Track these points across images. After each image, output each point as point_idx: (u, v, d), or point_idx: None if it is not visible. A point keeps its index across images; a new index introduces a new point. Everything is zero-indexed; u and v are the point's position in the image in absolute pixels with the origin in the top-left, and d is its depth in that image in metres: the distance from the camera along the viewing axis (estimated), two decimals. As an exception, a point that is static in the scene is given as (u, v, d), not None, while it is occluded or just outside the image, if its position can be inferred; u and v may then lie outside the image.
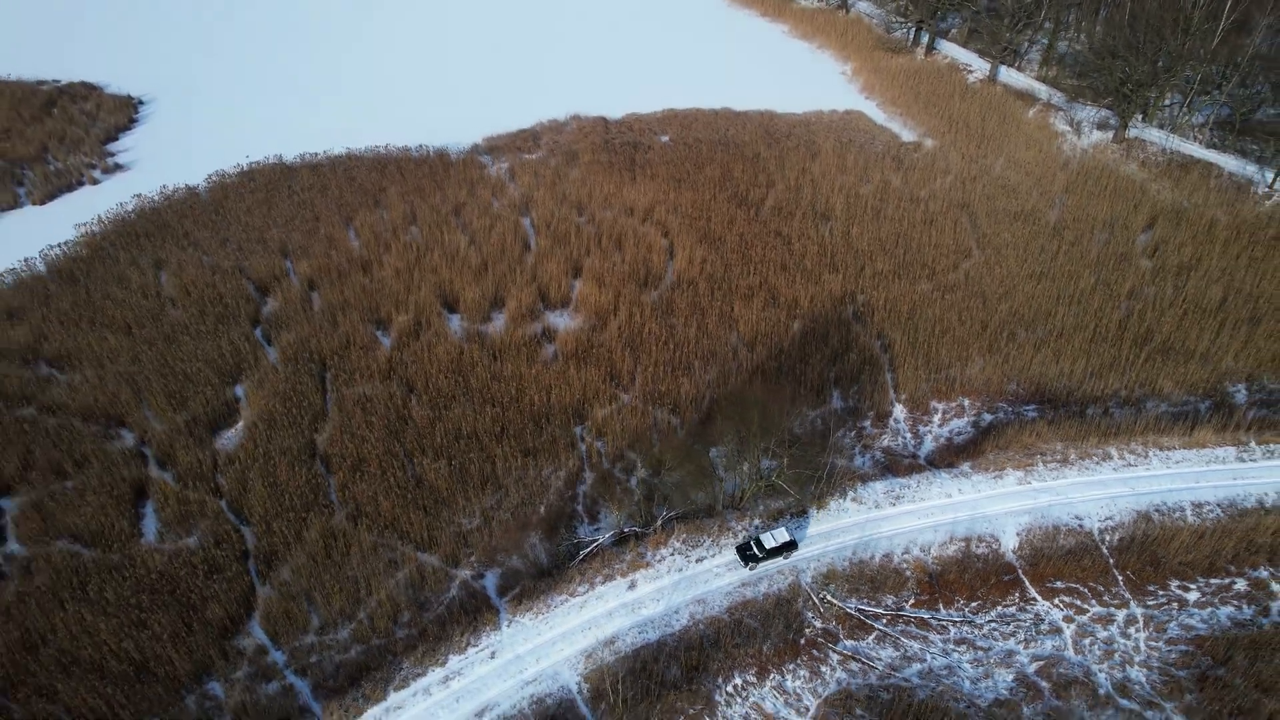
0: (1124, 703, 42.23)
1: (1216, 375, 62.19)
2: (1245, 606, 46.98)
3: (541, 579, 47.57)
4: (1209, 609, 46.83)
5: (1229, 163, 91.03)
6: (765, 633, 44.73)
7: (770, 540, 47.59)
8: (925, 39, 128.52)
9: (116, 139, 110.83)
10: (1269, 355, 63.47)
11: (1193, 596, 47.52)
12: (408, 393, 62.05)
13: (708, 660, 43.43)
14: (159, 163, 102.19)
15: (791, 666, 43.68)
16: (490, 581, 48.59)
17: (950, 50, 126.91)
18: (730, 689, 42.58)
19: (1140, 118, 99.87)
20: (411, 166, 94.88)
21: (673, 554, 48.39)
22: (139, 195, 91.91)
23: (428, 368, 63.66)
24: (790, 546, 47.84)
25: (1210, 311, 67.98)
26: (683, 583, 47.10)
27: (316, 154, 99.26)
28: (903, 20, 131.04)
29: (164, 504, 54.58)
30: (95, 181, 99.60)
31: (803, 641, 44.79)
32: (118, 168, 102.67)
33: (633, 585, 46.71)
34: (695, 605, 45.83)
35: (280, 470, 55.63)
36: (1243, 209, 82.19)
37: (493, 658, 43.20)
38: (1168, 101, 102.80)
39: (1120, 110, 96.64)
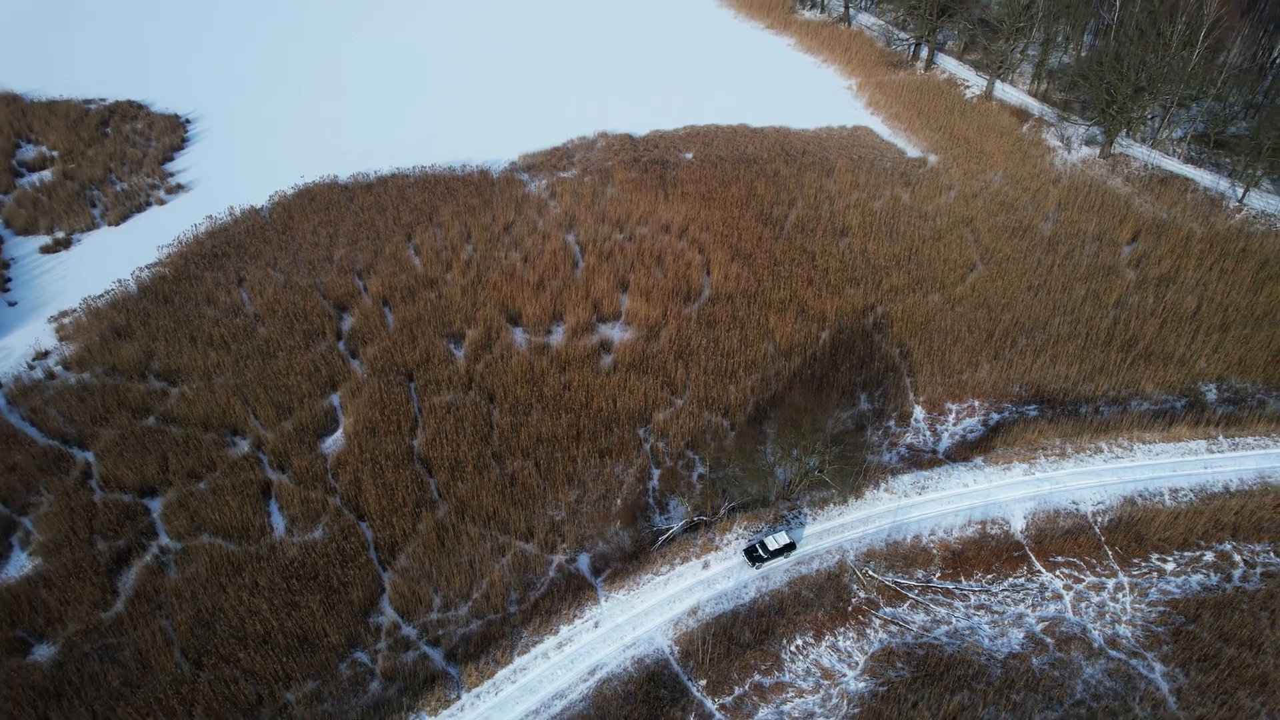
0: (1113, 653, 51.81)
1: (1191, 376, 71.80)
2: (1212, 574, 56.65)
3: (629, 561, 56.68)
4: (1183, 577, 56.49)
5: (1204, 177, 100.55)
6: (819, 602, 54.06)
7: (773, 543, 55.92)
8: (925, 53, 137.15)
9: (172, 159, 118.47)
10: (1236, 358, 73.10)
11: (1169, 567, 57.16)
12: (489, 401, 70.77)
13: (774, 625, 52.74)
14: (217, 183, 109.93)
15: (842, 630, 53.02)
16: (584, 564, 57.64)
17: (948, 64, 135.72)
18: (793, 648, 51.92)
19: (1125, 132, 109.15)
20: (458, 185, 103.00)
21: (737, 538, 57.61)
22: (210, 216, 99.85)
23: (504, 378, 72.33)
24: (790, 548, 56.26)
25: (1186, 319, 77.55)
26: (746, 563, 56.31)
27: (368, 174, 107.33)
28: (904, 37, 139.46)
29: (288, 503, 63.16)
30: (162, 202, 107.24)
31: (850, 609, 54.13)
32: (179, 188, 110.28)
33: (706, 565, 55.92)
34: (761, 581, 55.10)
35: (387, 472, 64.33)
36: (1216, 222, 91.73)
37: (596, 627, 52.30)
38: (1149, 115, 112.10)
39: (1106, 126, 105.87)
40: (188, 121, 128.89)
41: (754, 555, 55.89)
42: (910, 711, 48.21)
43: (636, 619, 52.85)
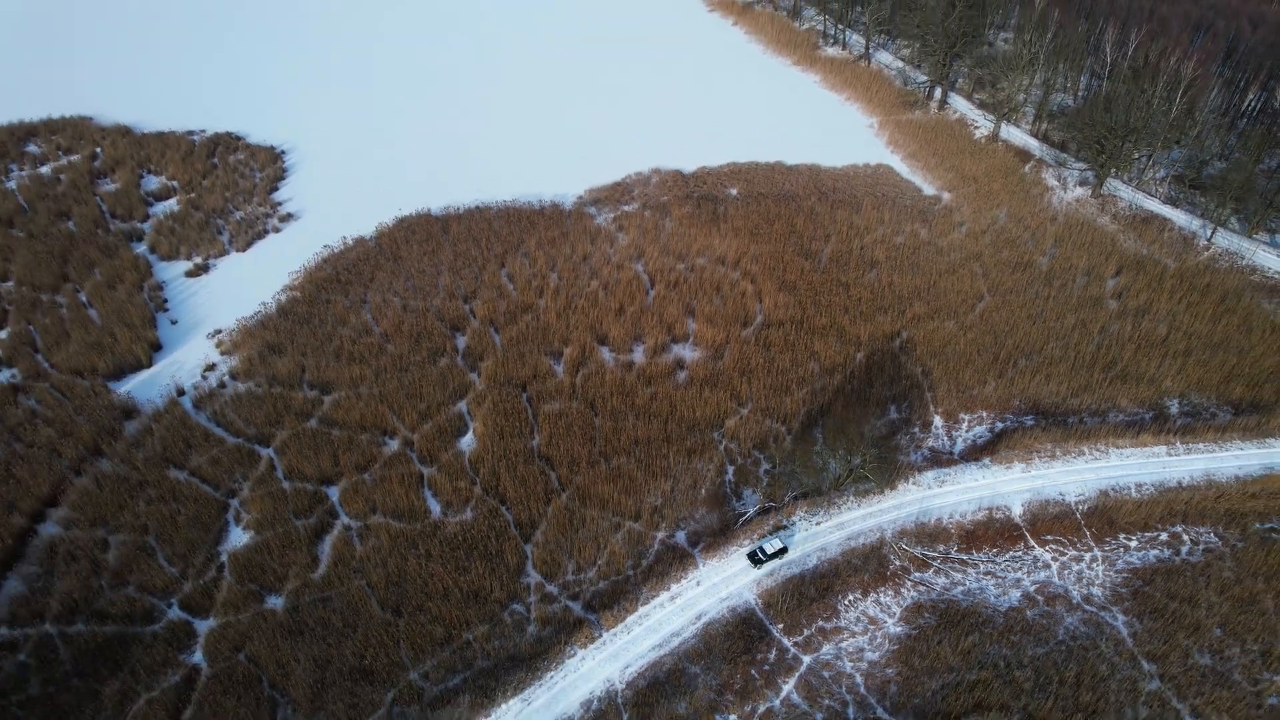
0: (1088, 608, 68.75)
1: (1158, 393, 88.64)
2: (1165, 550, 73.55)
3: (717, 536, 73.70)
4: (1143, 551, 73.42)
5: (1180, 217, 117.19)
6: (865, 568, 71.09)
7: (770, 548, 70.36)
8: (938, 93, 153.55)
9: (277, 189, 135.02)
10: (1195, 379, 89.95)
11: (1133, 544, 74.10)
12: (590, 409, 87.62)
13: (832, 585, 69.80)
14: (321, 213, 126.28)
15: (883, 589, 70.07)
16: (681, 538, 74.66)
17: (959, 104, 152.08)
18: (846, 601, 68.98)
19: (1113, 173, 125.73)
20: (537, 218, 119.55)
21: (800, 520, 74.62)
22: (327, 246, 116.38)
23: (600, 390, 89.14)
24: (783, 551, 70.52)
25: (1156, 344, 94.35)
26: (809, 538, 73.39)
27: (456, 207, 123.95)
28: (919, 79, 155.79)
29: (440, 490, 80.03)
30: (278, 230, 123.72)
31: (888, 573, 71.16)
32: (290, 216, 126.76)
33: (779, 539, 72.95)
34: (820, 551, 72.17)
35: (518, 466, 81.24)
36: (1187, 259, 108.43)
37: (698, 585, 69.36)
38: (1136, 156, 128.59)
39: (1097, 171, 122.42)
40: (283, 153, 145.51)
41: (755, 558, 70.30)
42: (936, 648, 65.27)
43: (728, 579, 69.94)
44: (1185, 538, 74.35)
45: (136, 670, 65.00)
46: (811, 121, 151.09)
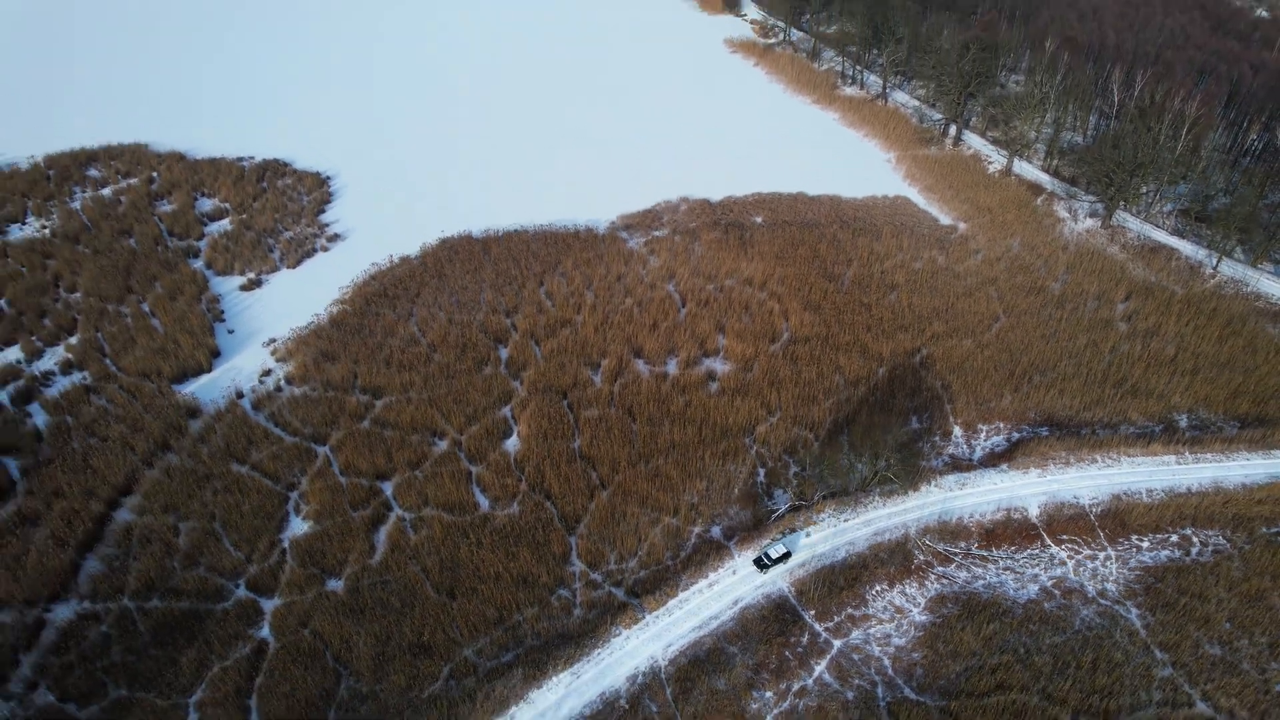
0: (1102, 601, 72.82)
1: (1167, 408, 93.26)
2: (1176, 550, 77.66)
3: (751, 530, 78.30)
4: (1154, 551, 77.54)
5: (1186, 247, 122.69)
6: (891, 561, 75.47)
7: (774, 553, 74.02)
8: (953, 130, 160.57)
9: (324, 211, 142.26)
10: (1203, 395, 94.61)
11: (1145, 544, 78.26)
12: (629, 415, 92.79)
13: (860, 576, 74.16)
14: (366, 234, 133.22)
15: (908, 581, 74.35)
16: (717, 532, 79.29)
17: (974, 141, 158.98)
18: (874, 592, 73.27)
19: (1122, 206, 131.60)
20: (572, 241, 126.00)
21: (829, 516, 79.25)
22: (374, 264, 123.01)
23: (638, 397, 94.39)
24: (787, 556, 74.20)
25: (1165, 363, 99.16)
26: (837, 533, 77.94)
27: (496, 230, 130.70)
28: (935, 117, 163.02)
29: (488, 486, 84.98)
30: (325, 249, 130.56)
31: (913, 567, 75.48)
32: (337, 237, 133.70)
33: (809, 533, 77.52)
34: (848, 545, 76.64)
35: (561, 465, 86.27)
36: (1194, 286, 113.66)
37: (734, 574, 73.86)
38: (1144, 190, 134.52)
39: (1106, 203, 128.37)
40: (328, 178, 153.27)
41: (761, 563, 74.08)
42: (959, 634, 69.39)
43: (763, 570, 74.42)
44: (1195, 540, 78.46)
45: (211, 641, 69.68)
46: (832, 156, 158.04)
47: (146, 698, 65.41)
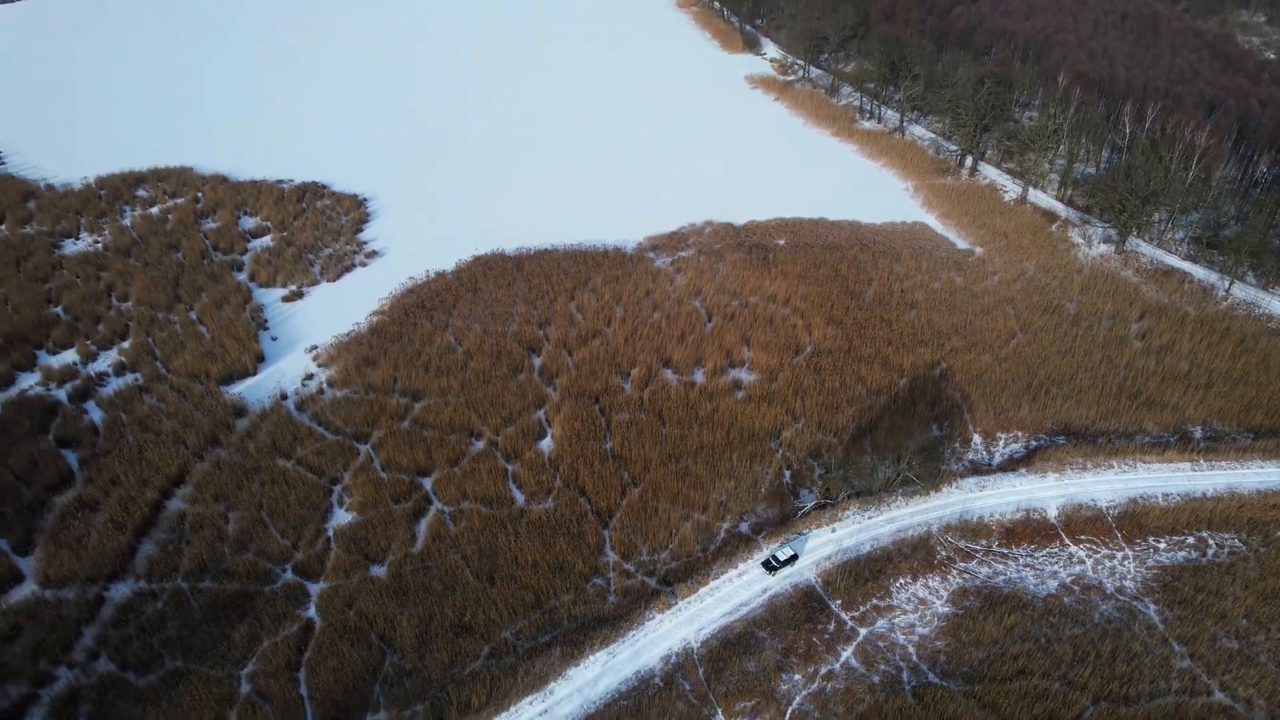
0: (1120, 597, 75.02)
1: (1182, 419, 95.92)
2: (1192, 552, 79.86)
3: (778, 526, 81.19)
4: (1171, 552, 79.78)
5: (1199, 272, 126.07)
6: (914, 556, 78.08)
7: (782, 555, 76.38)
8: (969, 162, 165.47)
9: (361, 230, 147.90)
10: (1217, 408, 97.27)
11: (1162, 545, 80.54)
12: (659, 419, 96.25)
13: (884, 569, 76.80)
14: (403, 251, 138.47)
15: (930, 575, 76.88)
16: (745, 527, 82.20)
17: (989, 172, 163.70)
18: (898, 584, 75.83)
19: (1135, 233, 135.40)
20: (601, 259, 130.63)
21: (853, 514, 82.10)
22: (411, 278, 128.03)
23: (667, 403, 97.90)
24: (794, 559, 76.52)
25: (1179, 378, 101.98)
26: (862, 529, 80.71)
27: (528, 248, 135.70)
28: (951, 148, 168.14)
29: (524, 482, 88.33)
30: (364, 264, 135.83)
31: (935, 562, 78.04)
32: (375, 254, 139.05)
33: (834, 529, 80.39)
34: (872, 540, 79.38)
35: (594, 463, 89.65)
36: (1207, 307, 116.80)
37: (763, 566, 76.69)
38: (1156, 219, 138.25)
39: (1120, 229, 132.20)
40: (365, 200, 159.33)
41: (769, 565, 76.46)
42: (980, 624, 71.75)
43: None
44: (1211, 542, 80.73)
45: (261, 619, 72.94)
46: (851, 185, 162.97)
47: (201, 668, 68.49)
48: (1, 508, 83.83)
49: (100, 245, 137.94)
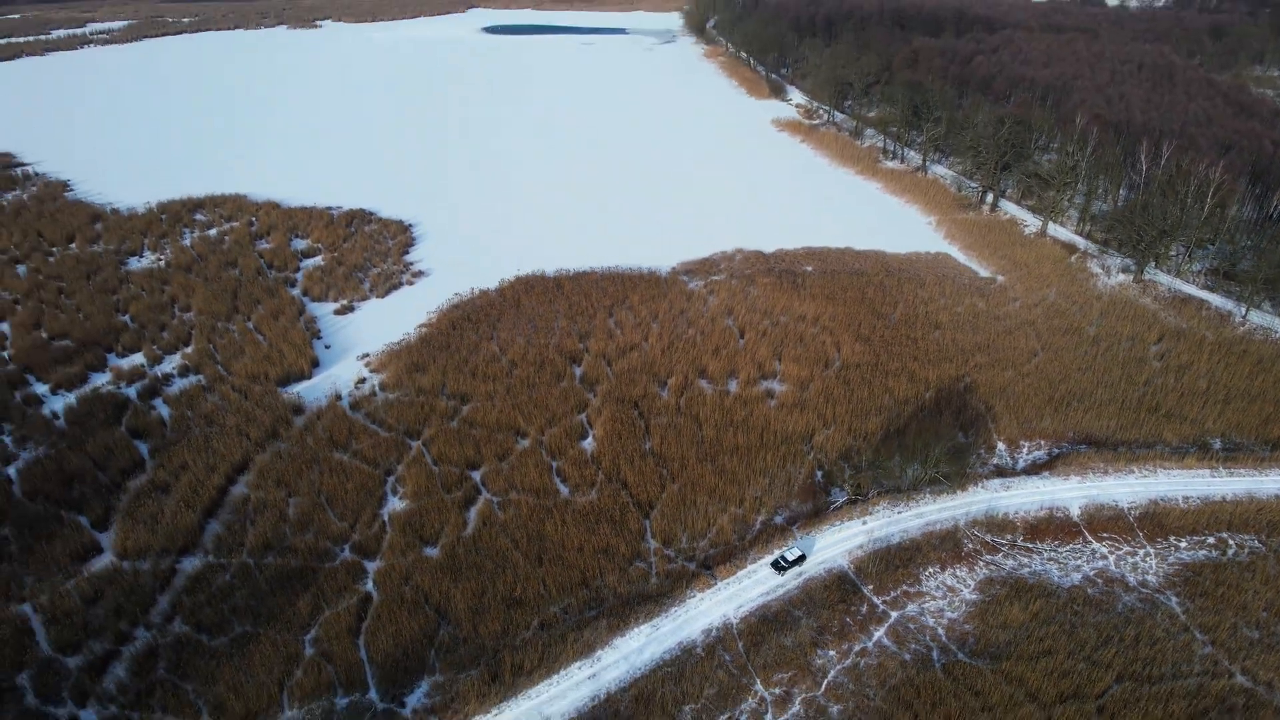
0: (1143, 590, 77.98)
1: (1201, 432, 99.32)
2: (1213, 551, 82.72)
3: (812, 518, 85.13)
4: (1192, 551, 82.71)
5: (1216, 299, 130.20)
6: (942, 548, 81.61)
7: (791, 555, 79.11)
8: (990, 198, 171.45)
9: (408, 252, 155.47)
10: (1235, 421, 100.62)
11: (1183, 544, 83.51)
12: (696, 423, 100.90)
13: (913, 558, 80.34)
14: (448, 272, 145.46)
15: (958, 565, 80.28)
16: (780, 520, 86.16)
17: (1009, 208, 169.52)
18: (927, 573, 79.26)
19: (1153, 265, 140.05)
20: (638, 281, 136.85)
21: (883, 509, 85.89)
22: (457, 294, 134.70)
23: (703, 408, 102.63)
24: (802, 559, 79.11)
25: (1198, 394, 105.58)
26: (891, 522, 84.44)
27: (567, 270, 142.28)
28: (972, 185, 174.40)
29: (568, 476, 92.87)
30: (411, 283, 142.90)
31: (962, 553, 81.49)
32: (421, 274, 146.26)
33: (865, 522, 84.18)
34: (901, 533, 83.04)
35: (635, 461, 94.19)
36: (1225, 331, 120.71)
37: (796, 552, 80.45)
38: (1173, 253, 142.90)
39: (1138, 259, 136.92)
40: (410, 226, 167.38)
41: (778, 565, 79.17)
42: (1007, 609, 74.93)
43: (823, 549, 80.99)
44: (1231, 542, 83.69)
45: (322, 591, 77.38)
46: (875, 218, 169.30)
47: (267, 632, 72.80)
48: (81, 489, 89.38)
49: (163, 262, 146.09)
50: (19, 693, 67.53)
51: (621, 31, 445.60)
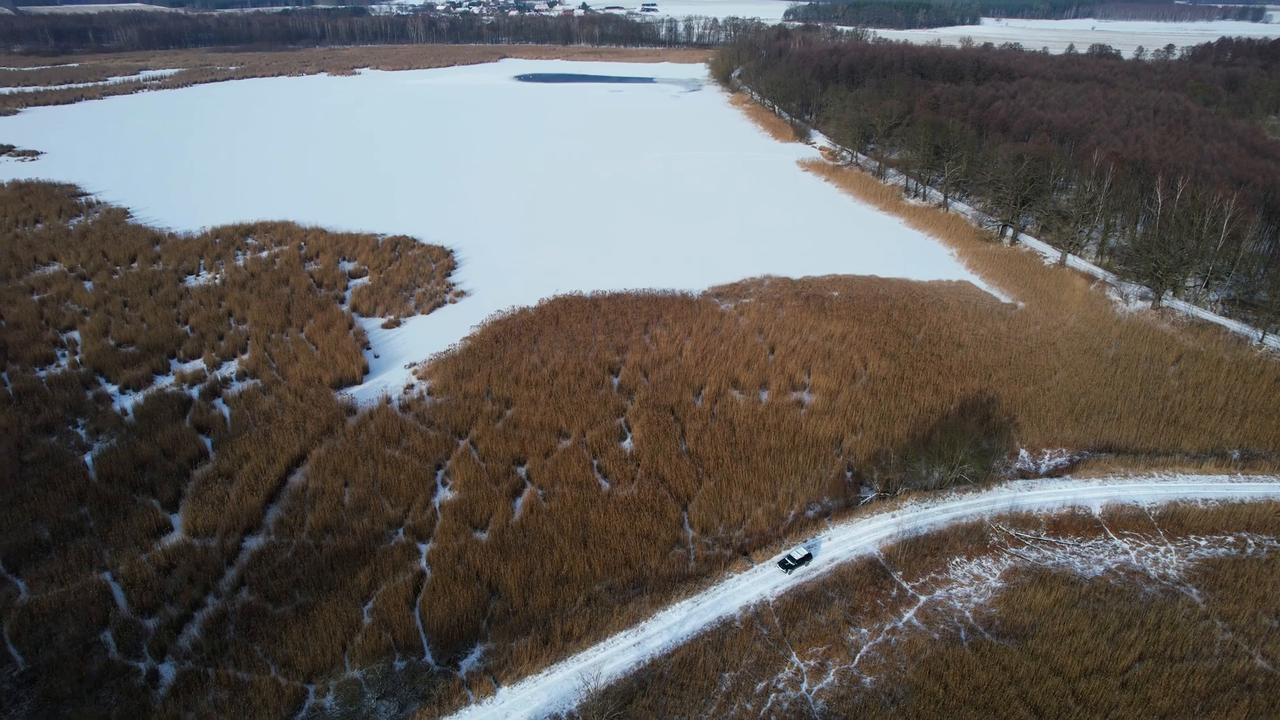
0: (1164, 582, 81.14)
1: (1218, 443, 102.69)
2: (1232, 549, 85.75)
3: (843, 511, 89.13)
4: (1211, 549, 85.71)
5: (1233, 325, 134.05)
6: (968, 540, 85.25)
7: (797, 554, 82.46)
8: (1010, 232, 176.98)
9: (450, 275, 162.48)
10: (1253, 434, 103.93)
11: (1203, 542, 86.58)
12: (730, 427, 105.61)
13: (941, 548, 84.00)
14: (488, 292, 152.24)
15: (983, 556, 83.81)
16: (812, 513, 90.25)
17: (1029, 241, 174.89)
18: (954, 562, 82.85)
19: (1170, 294, 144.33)
20: (671, 302, 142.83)
21: (911, 505, 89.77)
22: (498, 310, 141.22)
23: (736, 414, 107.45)
24: (808, 558, 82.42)
25: (1216, 409, 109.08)
26: (919, 516, 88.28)
27: (603, 291, 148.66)
28: (993, 220, 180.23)
29: (608, 471, 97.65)
30: (454, 301, 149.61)
31: (988, 546, 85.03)
32: (463, 294, 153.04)
33: (893, 515, 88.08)
34: (929, 525, 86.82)
35: (672, 459, 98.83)
36: (1242, 353, 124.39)
37: (829, 540, 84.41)
38: (1190, 284, 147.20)
39: (1155, 288, 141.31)
40: (451, 251, 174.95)
41: (785, 564, 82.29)
42: (1031, 595, 78.30)
43: (854, 538, 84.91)
44: (1250, 541, 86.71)
45: (379, 567, 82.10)
46: (898, 250, 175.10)
47: (328, 602, 77.41)
48: (151, 474, 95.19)
49: (218, 280, 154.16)
50: (104, 647, 72.35)
51: (649, 80, 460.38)
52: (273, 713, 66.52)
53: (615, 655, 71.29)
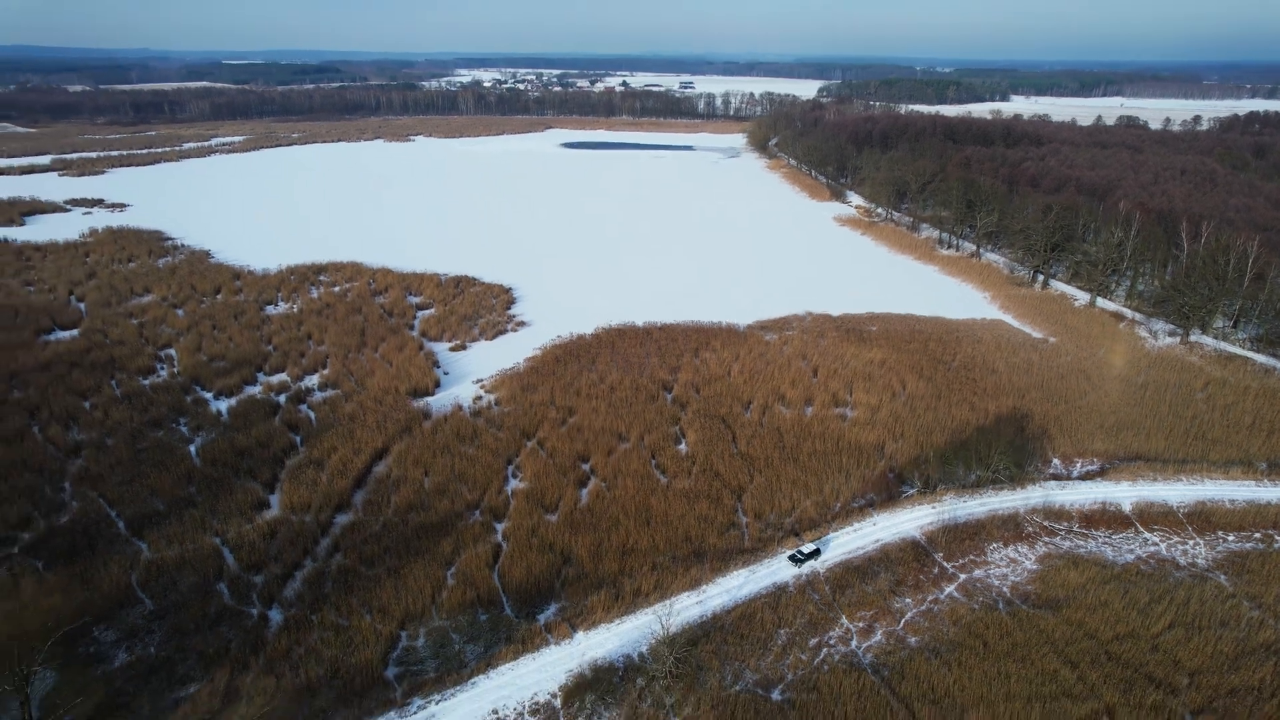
0: (1193, 569, 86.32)
1: (1245, 455, 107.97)
2: (1260, 544, 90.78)
3: (887, 503, 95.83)
4: (1239, 543, 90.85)
5: (1260, 357, 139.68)
6: (1005, 528, 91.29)
7: (806, 549, 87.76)
8: (1040, 278, 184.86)
9: (510, 308, 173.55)
10: (1278, 449, 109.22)
11: (1230, 537, 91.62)
12: (778, 433, 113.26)
13: (979, 533, 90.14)
14: (546, 322, 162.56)
15: (1019, 543, 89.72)
16: (858, 504, 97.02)
17: (1059, 286, 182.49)
18: (991, 547, 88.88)
19: (1199, 331, 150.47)
20: (718, 332, 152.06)
21: (950, 498, 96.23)
22: (558, 336, 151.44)
23: (783, 423, 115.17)
24: (816, 553, 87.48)
25: (1243, 428, 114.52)
26: (958, 507, 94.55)
27: (655, 321, 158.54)
28: (1023, 269, 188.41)
29: (666, 468, 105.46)
30: (515, 330, 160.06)
31: (1023, 533, 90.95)
32: (523, 324, 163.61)
33: (934, 506, 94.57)
34: (969, 515, 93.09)
35: (725, 458, 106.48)
36: (1269, 381, 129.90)
37: (874, 524, 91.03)
38: (1219, 324, 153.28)
39: (1183, 325, 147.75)
40: (510, 289, 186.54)
41: (795, 559, 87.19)
42: (1065, 575, 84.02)
43: (897, 523, 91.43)
44: (1277, 538, 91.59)
45: (461, 538, 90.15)
46: (934, 294, 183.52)
47: (415, 565, 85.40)
48: (249, 461, 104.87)
49: (296, 308, 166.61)
50: (219, 594, 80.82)
51: (689, 149, 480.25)
52: (371, 650, 74.00)
53: (679, 611, 78.08)
